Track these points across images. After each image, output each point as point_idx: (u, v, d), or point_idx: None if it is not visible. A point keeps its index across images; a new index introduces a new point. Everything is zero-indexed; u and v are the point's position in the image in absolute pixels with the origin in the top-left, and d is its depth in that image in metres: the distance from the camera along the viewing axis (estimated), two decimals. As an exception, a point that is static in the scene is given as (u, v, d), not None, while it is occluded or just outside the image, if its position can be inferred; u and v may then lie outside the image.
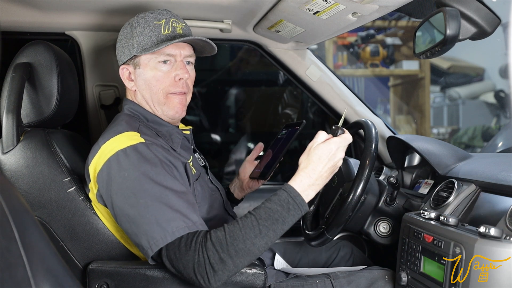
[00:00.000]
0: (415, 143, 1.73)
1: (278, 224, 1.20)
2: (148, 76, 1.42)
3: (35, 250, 0.72)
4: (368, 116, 2.17)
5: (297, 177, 1.26)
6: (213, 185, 1.55)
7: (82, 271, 1.38)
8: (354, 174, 1.58)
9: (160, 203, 1.21)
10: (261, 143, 1.73)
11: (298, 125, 1.56)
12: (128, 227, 1.25)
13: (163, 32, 1.40)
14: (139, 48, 1.40)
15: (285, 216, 1.21)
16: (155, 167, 1.26)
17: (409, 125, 4.62)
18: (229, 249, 1.16)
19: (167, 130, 1.44)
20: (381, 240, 1.62)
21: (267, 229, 1.19)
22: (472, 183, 1.40)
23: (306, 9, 1.54)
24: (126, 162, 1.26)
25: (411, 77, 4.54)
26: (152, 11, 1.44)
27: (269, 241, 1.20)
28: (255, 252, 1.19)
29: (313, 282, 1.46)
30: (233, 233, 1.18)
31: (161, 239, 1.19)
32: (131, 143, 1.28)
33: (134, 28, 1.41)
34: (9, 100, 1.44)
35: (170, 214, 1.20)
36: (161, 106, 1.44)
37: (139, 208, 1.22)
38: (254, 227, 1.18)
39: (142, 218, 1.21)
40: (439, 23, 1.21)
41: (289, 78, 2.18)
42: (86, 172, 1.37)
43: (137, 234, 1.22)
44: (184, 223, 1.20)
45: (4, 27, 1.80)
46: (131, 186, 1.24)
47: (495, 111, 4.77)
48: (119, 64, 1.48)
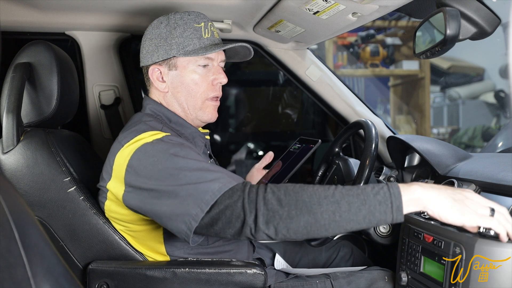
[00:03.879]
0: (415, 143, 1.73)
1: (357, 199, 1.01)
2: (186, 79, 1.40)
3: (35, 250, 0.72)
4: (368, 116, 2.17)
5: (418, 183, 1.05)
6: None
7: (82, 271, 1.38)
8: (354, 174, 1.59)
9: (200, 171, 1.14)
10: (271, 152, 1.70)
11: (313, 143, 1.52)
12: (167, 208, 1.14)
13: (204, 35, 1.39)
14: (180, 50, 1.37)
15: (369, 197, 1.01)
16: (184, 148, 1.21)
17: (409, 125, 4.62)
18: (291, 194, 1.02)
19: (190, 133, 1.43)
20: (381, 240, 1.62)
21: (341, 196, 1.01)
22: (472, 183, 1.40)
23: (306, 9, 1.54)
24: (154, 150, 1.21)
25: (411, 77, 4.54)
26: (189, 13, 1.41)
27: (337, 213, 1.00)
28: (316, 214, 1.01)
29: (313, 282, 1.46)
30: (303, 186, 1.04)
31: (210, 196, 1.08)
32: (156, 137, 1.25)
33: (172, 28, 1.38)
34: (9, 100, 1.44)
35: (214, 175, 1.12)
36: (197, 110, 1.42)
37: (180, 182, 1.13)
38: (329, 189, 1.03)
39: (186, 189, 1.12)
40: (439, 23, 1.21)
41: (289, 78, 2.18)
42: (106, 171, 1.31)
43: (182, 205, 1.11)
44: (231, 178, 1.12)
45: (4, 27, 1.80)
46: (166, 168, 1.17)
47: (495, 111, 4.77)
48: (147, 64, 1.42)
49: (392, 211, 1.01)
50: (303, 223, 1.01)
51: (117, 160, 1.27)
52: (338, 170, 1.69)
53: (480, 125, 4.55)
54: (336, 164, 1.72)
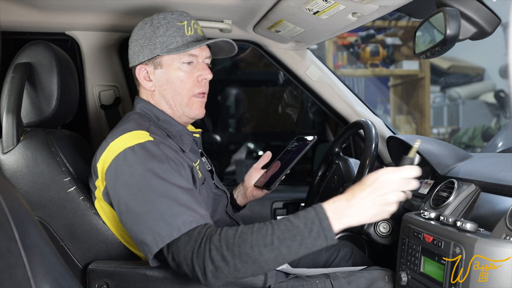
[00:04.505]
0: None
1: (294, 242, 1.09)
2: (171, 76, 1.42)
3: (35, 250, 0.72)
4: (368, 116, 2.17)
5: (336, 198, 1.13)
6: (218, 190, 1.55)
7: (82, 271, 1.38)
8: (354, 174, 1.59)
9: (167, 199, 1.19)
10: (269, 152, 1.71)
11: (310, 140, 1.56)
12: (133, 224, 1.22)
13: (187, 33, 1.41)
14: (164, 48, 1.40)
15: (304, 236, 1.09)
16: (162, 164, 1.24)
17: (409, 125, 4.62)
18: (234, 249, 1.10)
19: (177, 131, 1.44)
20: (381, 240, 1.62)
21: (280, 243, 1.09)
22: (472, 183, 1.40)
23: (306, 9, 1.54)
24: (133, 159, 1.25)
25: (411, 77, 4.54)
26: (172, 12, 1.44)
27: (280, 258, 1.10)
28: (261, 263, 1.10)
29: (313, 282, 1.46)
30: (243, 234, 1.11)
31: (167, 235, 1.15)
32: (139, 141, 1.28)
33: (156, 28, 1.41)
34: (9, 100, 1.44)
35: (176, 209, 1.17)
36: (184, 107, 1.45)
37: (146, 204, 1.20)
38: (267, 235, 1.10)
39: (148, 214, 1.18)
40: (439, 23, 1.21)
41: (289, 78, 2.18)
42: (94, 169, 1.36)
43: (142, 231, 1.19)
44: (191, 217, 1.16)
45: (4, 27, 1.80)
46: (138, 182, 1.22)
47: (495, 111, 4.77)
48: (134, 64, 1.45)
49: (327, 241, 1.10)
50: (250, 271, 1.11)
51: (101, 160, 1.32)
52: (338, 170, 1.69)
53: (480, 125, 4.55)
54: (336, 164, 1.72)
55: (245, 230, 1.12)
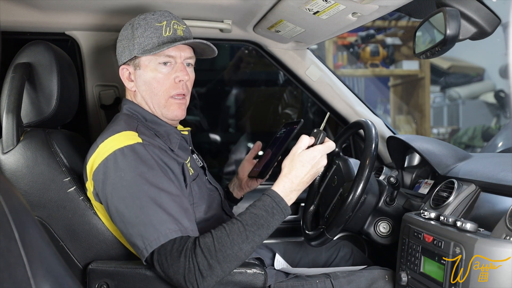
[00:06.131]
0: (415, 143, 1.73)
1: (263, 229, 1.24)
2: (148, 77, 1.43)
3: (35, 250, 0.72)
4: (368, 116, 2.17)
5: (280, 182, 1.30)
6: (211, 186, 1.55)
7: (82, 271, 1.38)
8: (354, 174, 1.58)
9: (155, 205, 1.23)
10: (259, 142, 1.74)
11: (296, 124, 1.57)
12: (123, 227, 1.27)
13: (164, 34, 1.41)
14: (140, 49, 1.41)
15: (270, 221, 1.25)
16: (151, 169, 1.27)
17: (409, 125, 4.62)
18: (218, 255, 1.19)
19: (165, 130, 1.45)
20: (381, 240, 1.62)
21: (253, 235, 1.22)
22: (472, 183, 1.40)
23: (306, 9, 1.54)
24: (123, 162, 1.27)
25: (411, 77, 4.54)
26: (154, 12, 1.44)
27: (255, 245, 1.24)
28: (242, 257, 1.22)
29: (313, 282, 1.46)
30: (220, 239, 1.20)
31: (155, 240, 1.21)
32: (128, 142, 1.29)
33: (135, 29, 1.42)
34: (9, 100, 1.44)
35: (163, 216, 1.23)
36: (161, 108, 1.45)
37: (134, 208, 1.24)
38: (241, 233, 1.22)
39: (137, 219, 1.23)
40: (439, 23, 1.21)
41: (289, 78, 2.18)
42: (84, 171, 1.38)
43: (132, 234, 1.24)
44: (176, 226, 1.22)
45: (4, 27, 1.80)
46: (127, 186, 1.25)
47: (495, 111, 4.77)
48: (119, 64, 1.48)
49: (285, 216, 1.29)
50: (234, 266, 1.23)
51: (90, 161, 1.34)
52: (338, 170, 1.68)
53: (480, 125, 4.55)
54: (336, 164, 1.72)
55: (219, 234, 1.21)
